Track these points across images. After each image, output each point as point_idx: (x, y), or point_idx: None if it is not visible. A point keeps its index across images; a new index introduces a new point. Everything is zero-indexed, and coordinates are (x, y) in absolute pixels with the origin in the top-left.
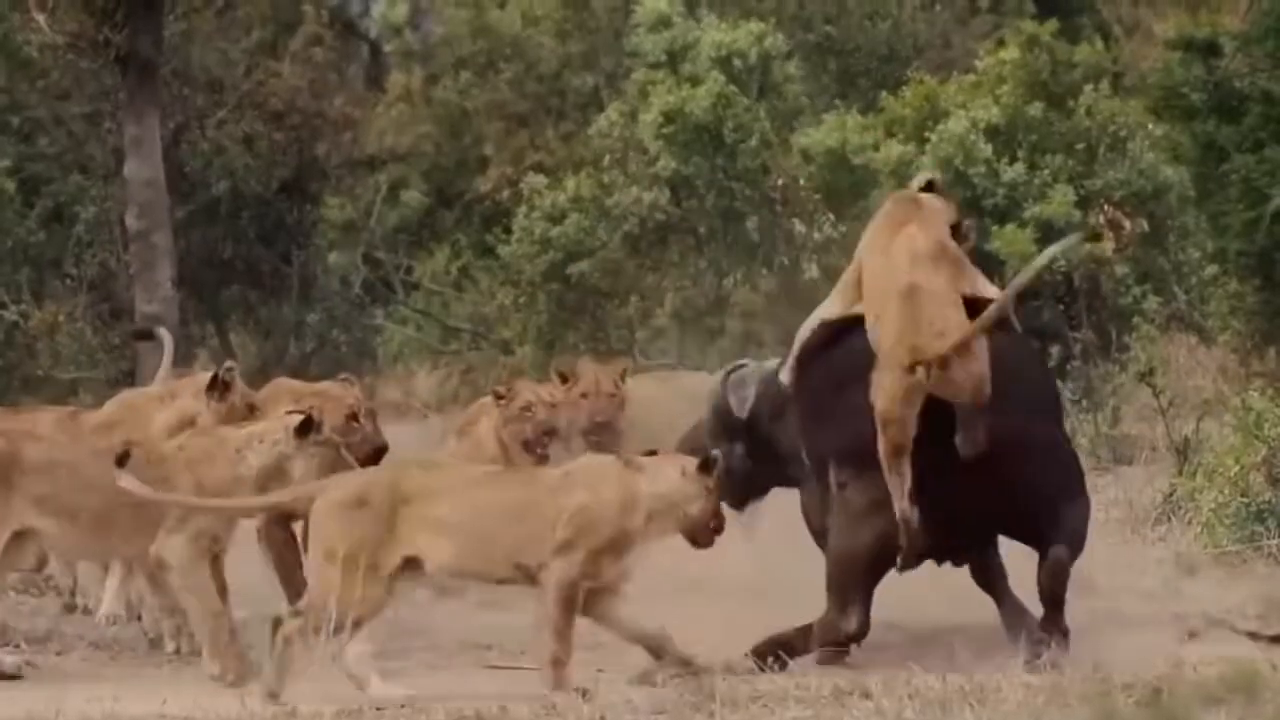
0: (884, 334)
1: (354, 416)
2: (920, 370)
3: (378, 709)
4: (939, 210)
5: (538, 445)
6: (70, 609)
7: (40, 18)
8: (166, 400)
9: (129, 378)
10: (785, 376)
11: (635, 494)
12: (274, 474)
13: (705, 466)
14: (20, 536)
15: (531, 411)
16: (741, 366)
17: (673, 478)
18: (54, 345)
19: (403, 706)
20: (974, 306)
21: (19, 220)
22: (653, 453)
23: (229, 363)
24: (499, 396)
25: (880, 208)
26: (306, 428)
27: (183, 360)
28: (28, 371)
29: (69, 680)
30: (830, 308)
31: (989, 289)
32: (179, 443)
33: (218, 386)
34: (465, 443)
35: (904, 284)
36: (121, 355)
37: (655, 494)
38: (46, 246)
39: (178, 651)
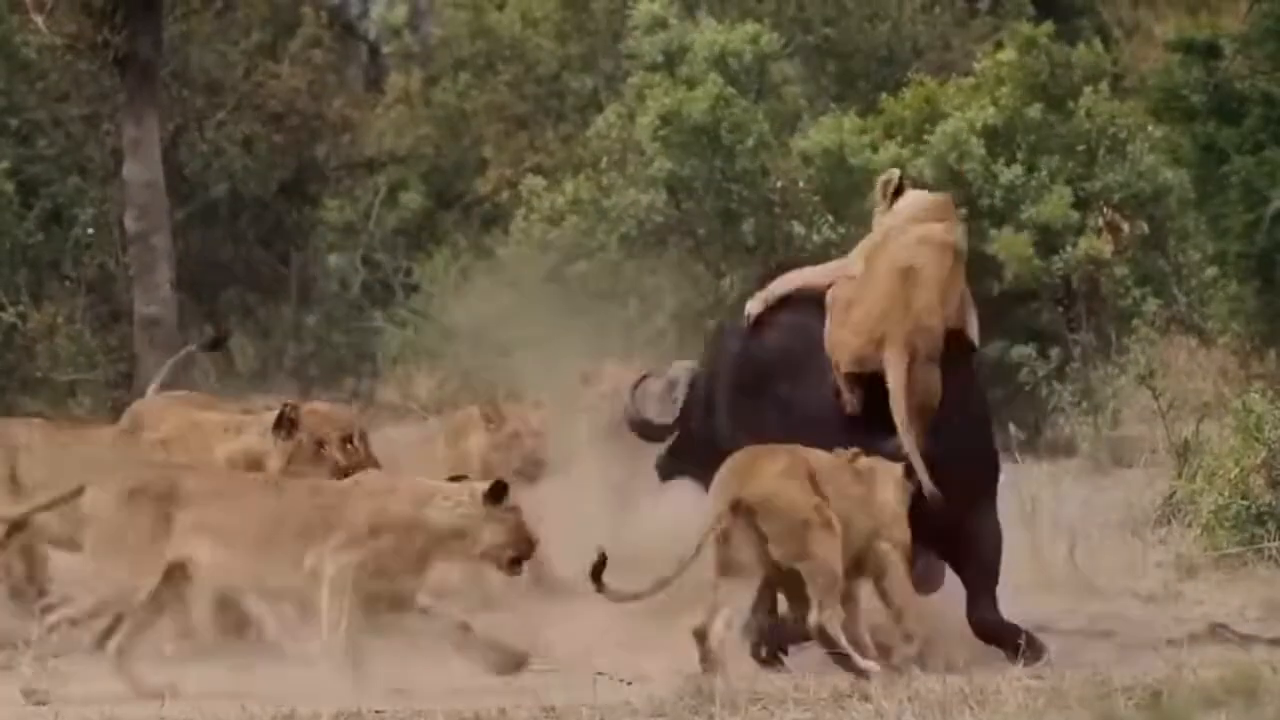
0: (878, 309)
1: (349, 439)
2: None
3: (377, 710)
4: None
5: (528, 476)
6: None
7: (39, 19)
8: (231, 431)
9: (127, 380)
10: (753, 307)
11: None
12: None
13: (494, 494)
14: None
15: (520, 439)
16: (646, 378)
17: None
18: (52, 347)
19: (393, 708)
20: (952, 338)
21: (18, 222)
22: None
23: (291, 401)
24: (488, 420)
25: (921, 198)
26: (499, 494)
27: (182, 363)
28: (26, 373)
29: (67, 682)
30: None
31: (973, 329)
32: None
33: (284, 425)
34: (453, 453)
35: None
36: (120, 357)
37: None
38: (45, 248)
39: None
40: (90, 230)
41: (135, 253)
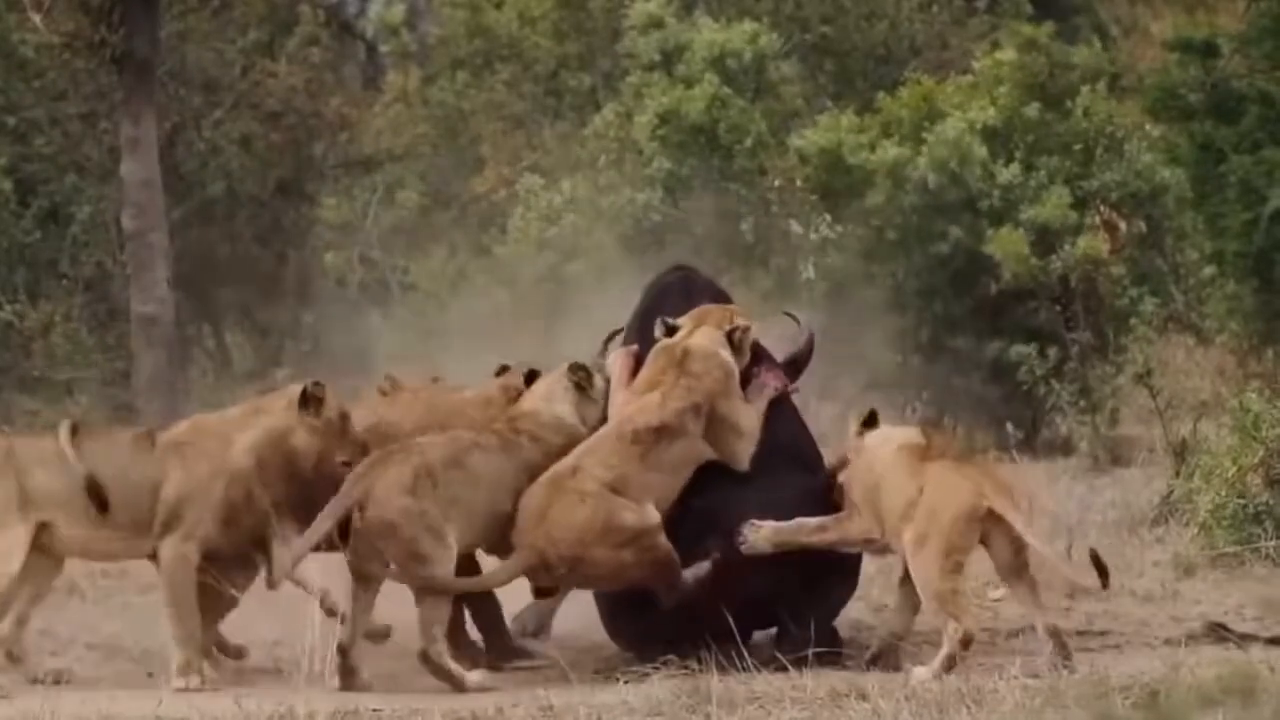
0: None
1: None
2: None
3: (375, 709)
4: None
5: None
6: None
7: (36, 18)
8: (249, 416)
9: (124, 378)
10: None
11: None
12: None
13: (304, 400)
14: None
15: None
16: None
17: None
18: (49, 345)
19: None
20: None
21: (15, 220)
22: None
23: (315, 380)
24: (383, 393)
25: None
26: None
27: (180, 361)
28: (23, 372)
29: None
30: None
31: None
32: None
33: (310, 402)
34: None
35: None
36: (117, 355)
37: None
38: (42, 247)
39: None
40: (87, 229)
41: (132, 251)
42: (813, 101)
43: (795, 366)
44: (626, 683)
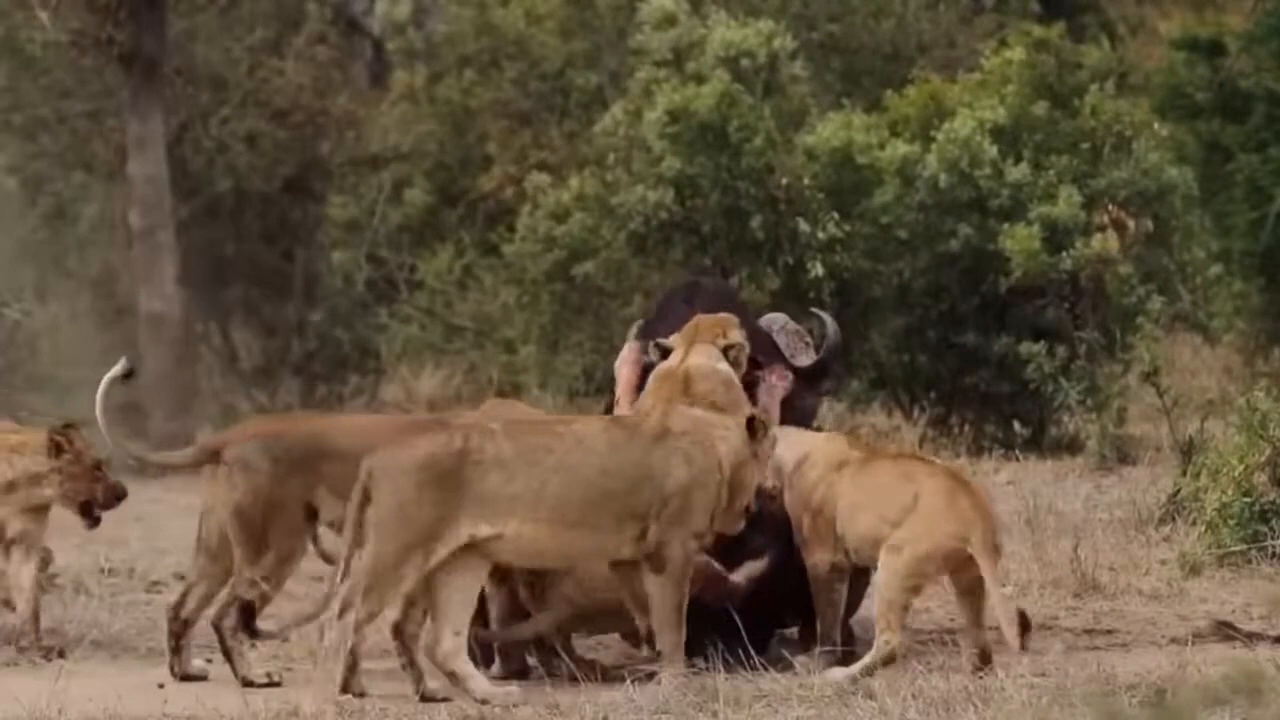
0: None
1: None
2: None
3: (381, 707)
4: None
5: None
6: None
7: (43, 15)
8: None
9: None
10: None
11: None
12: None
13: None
14: None
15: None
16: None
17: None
18: (57, 344)
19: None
20: None
21: (22, 218)
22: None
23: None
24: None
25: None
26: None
27: (187, 360)
28: (31, 370)
29: (71, 677)
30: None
31: None
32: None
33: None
34: None
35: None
36: (124, 354)
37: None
38: (49, 244)
39: None
40: (94, 227)
41: (139, 249)
42: (821, 99)
43: (822, 369)
44: (633, 681)
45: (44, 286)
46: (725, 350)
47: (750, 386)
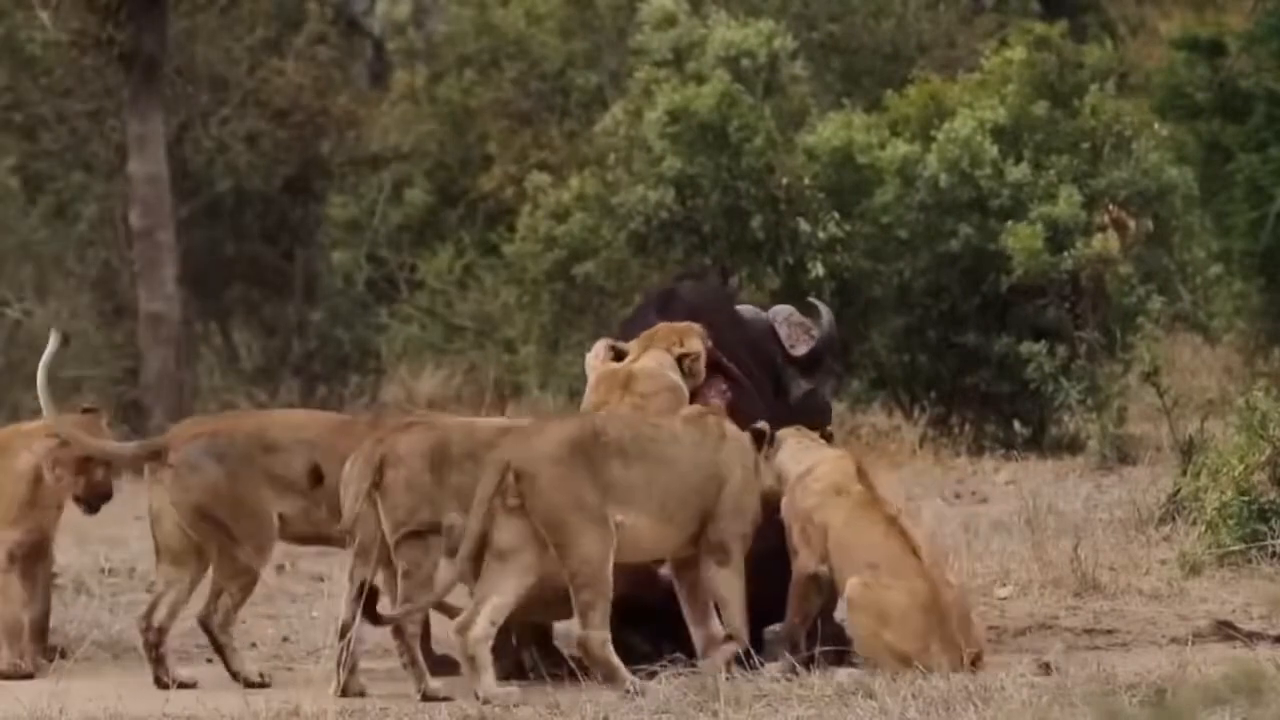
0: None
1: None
2: None
3: (382, 708)
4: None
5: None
6: None
7: (44, 15)
8: None
9: (132, 376)
10: None
11: None
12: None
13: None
14: None
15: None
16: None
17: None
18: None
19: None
20: None
21: (22, 217)
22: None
23: None
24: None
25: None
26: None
27: (187, 359)
28: (31, 370)
29: (72, 678)
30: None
31: None
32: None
33: None
34: None
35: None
36: (124, 354)
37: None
38: (49, 244)
39: None
40: (95, 226)
41: (140, 249)
42: (821, 99)
43: (815, 359)
44: (634, 680)
45: (44, 286)
46: (680, 359)
47: (695, 396)
